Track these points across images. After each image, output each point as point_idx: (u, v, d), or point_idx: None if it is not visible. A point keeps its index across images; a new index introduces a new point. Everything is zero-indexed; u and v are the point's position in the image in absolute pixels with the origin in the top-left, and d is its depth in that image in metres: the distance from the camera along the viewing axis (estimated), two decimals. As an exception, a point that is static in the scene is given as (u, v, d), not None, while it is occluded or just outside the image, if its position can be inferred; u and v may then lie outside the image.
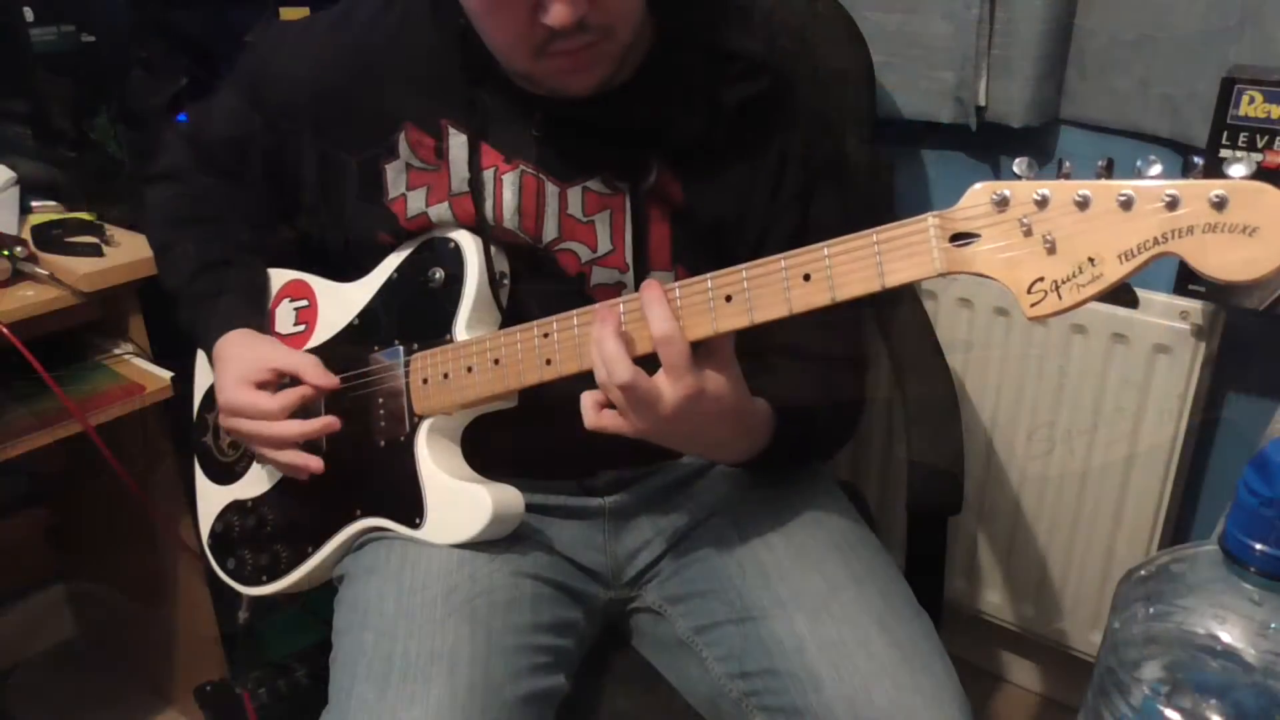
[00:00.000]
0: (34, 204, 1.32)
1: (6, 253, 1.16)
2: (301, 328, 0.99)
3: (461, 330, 0.88)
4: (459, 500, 0.87)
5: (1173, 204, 0.57)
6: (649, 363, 0.75)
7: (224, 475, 1.04)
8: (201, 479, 1.07)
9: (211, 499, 1.05)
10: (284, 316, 1.01)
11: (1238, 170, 0.55)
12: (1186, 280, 1.12)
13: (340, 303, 0.97)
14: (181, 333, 1.01)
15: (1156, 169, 0.58)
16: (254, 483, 1.01)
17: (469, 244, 0.89)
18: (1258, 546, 0.47)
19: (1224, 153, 1.06)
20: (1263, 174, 0.55)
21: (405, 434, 0.90)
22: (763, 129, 0.90)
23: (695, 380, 0.74)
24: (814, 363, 0.92)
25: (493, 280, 0.90)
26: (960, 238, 0.65)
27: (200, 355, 1.08)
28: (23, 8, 1.21)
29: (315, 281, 1.01)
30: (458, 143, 0.89)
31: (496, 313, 0.91)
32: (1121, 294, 0.61)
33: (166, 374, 1.22)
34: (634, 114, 0.88)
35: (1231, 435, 1.35)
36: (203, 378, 1.09)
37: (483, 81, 0.89)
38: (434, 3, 0.89)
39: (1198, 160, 0.57)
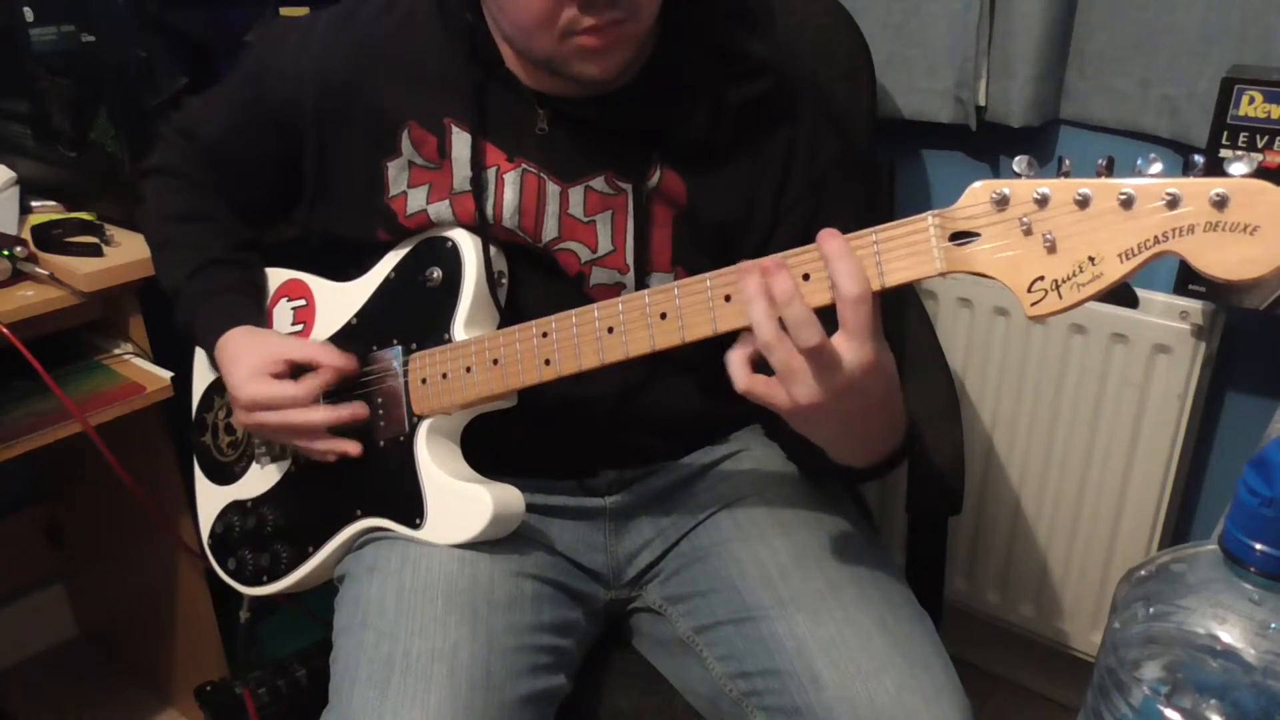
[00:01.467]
0: (34, 204, 1.32)
1: (6, 253, 1.16)
2: (299, 327, 0.99)
3: (460, 330, 0.88)
4: (459, 500, 0.87)
5: (1173, 203, 0.57)
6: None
7: (224, 475, 1.04)
8: (201, 479, 1.07)
9: (211, 499, 1.05)
10: (282, 316, 1.01)
11: (1238, 169, 0.55)
12: (1186, 280, 1.12)
13: (338, 302, 0.97)
14: (179, 331, 1.01)
15: (1157, 167, 0.58)
16: (254, 483, 1.01)
17: (467, 243, 0.89)
18: (1258, 546, 0.47)
19: (1224, 153, 1.06)
20: (1262, 174, 0.55)
21: (405, 434, 0.90)
22: (766, 129, 0.90)
23: (877, 348, 0.67)
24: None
25: (491, 280, 0.90)
26: (960, 237, 0.65)
27: (199, 355, 1.08)
28: (23, 8, 1.21)
29: (313, 281, 1.01)
30: (461, 141, 0.89)
31: (495, 312, 0.91)
32: (1121, 294, 0.61)
33: (166, 374, 1.22)
34: (638, 113, 0.88)
35: (1231, 435, 1.35)
36: (201, 377, 1.08)
37: (487, 79, 0.89)
38: None
39: (1198, 159, 0.57)
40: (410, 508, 0.89)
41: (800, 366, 0.67)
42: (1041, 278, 0.61)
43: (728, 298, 0.73)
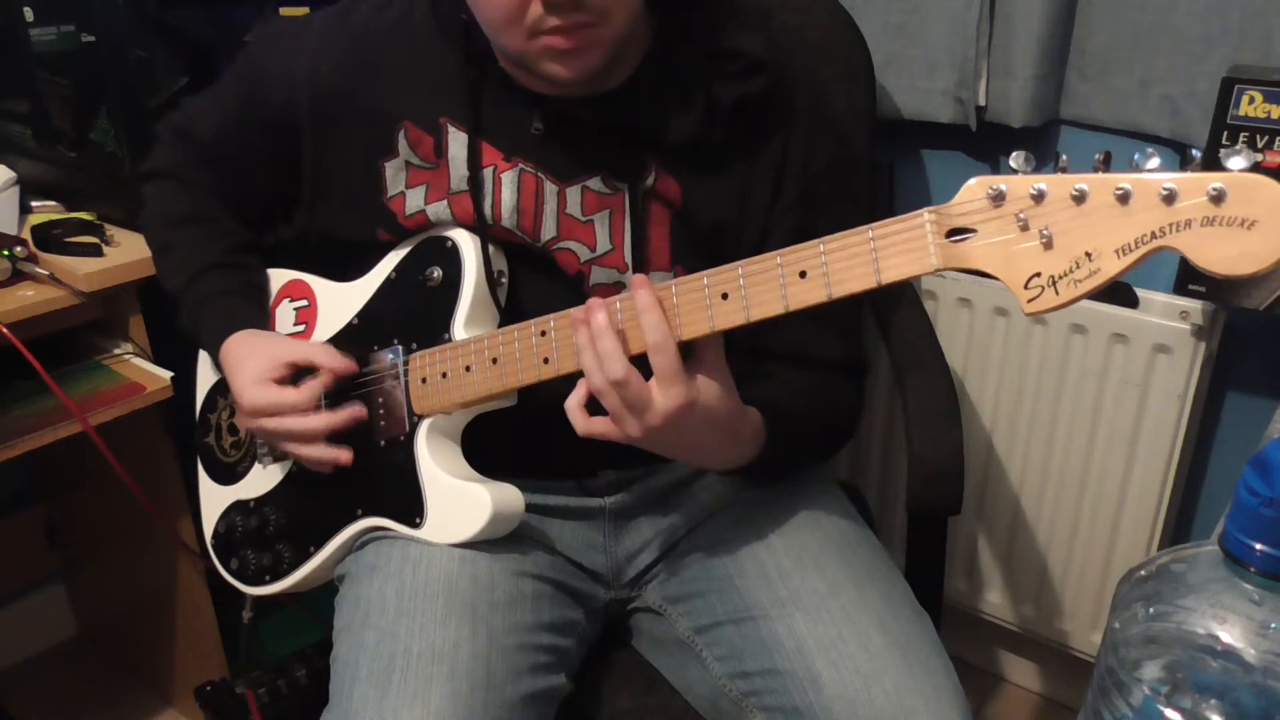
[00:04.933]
0: (34, 204, 1.32)
1: (6, 253, 1.16)
2: (301, 328, 0.99)
3: (460, 329, 0.88)
4: (459, 500, 0.87)
5: (1170, 198, 0.56)
6: (640, 365, 0.74)
7: (226, 475, 1.04)
8: (204, 479, 1.07)
9: (214, 499, 1.05)
10: (284, 316, 1.01)
11: (1236, 163, 0.55)
12: (1186, 280, 1.12)
13: (339, 302, 0.97)
14: (183, 334, 1.01)
15: (1154, 162, 0.58)
16: (256, 483, 1.01)
17: (467, 243, 0.89)
18: (1258, 546, 0.47)
19: (1223, 152, 1.06)
20: (1262, 173, 0.55)
21: (405, 433, 0.90)
22: (762, 129, 0.90)
23: (687, 390, 0.74)
24: (813, 368, 0.92)
25: (491, 279, 0.90)
26: (957, 233, 0.64)
27: (202, 356, 1.08)
28: (23, 8, 1.21)
29: (315, 281, 1.01)
30: (457, 141, 0.89)
31: (495, 311, 0.91)
32: (1121, 294, 0.61)
33: (166, 374, 1.23)
34: (632, 113, 0.87)
35: (1231, 435, 1.35)
36: (204, 378, 1.09)
37: (483, 79, 0.89)
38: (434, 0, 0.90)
39: (1196, 153, 0.57)
40: (410, 507, 0.89)
41: (620, 407, 0.74)
42: (1038, 274, 0.61)
43: (725, 295, 0.73)
